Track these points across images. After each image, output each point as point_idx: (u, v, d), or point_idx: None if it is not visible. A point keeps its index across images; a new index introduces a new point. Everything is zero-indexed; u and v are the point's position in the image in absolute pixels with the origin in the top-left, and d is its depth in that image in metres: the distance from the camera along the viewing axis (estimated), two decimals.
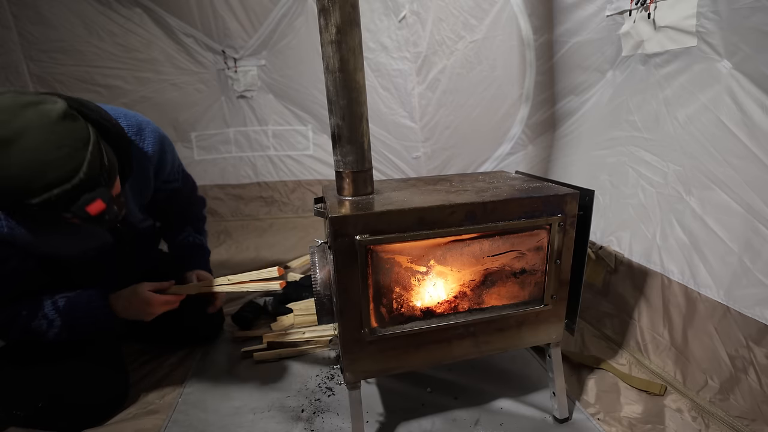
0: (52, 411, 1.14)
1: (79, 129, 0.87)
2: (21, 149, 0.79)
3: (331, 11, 0.84)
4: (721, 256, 1.18)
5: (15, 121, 0.79)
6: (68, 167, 0.84)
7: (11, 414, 1.14)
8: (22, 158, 0.80)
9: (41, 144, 0.81)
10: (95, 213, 0.89)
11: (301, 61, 2.69)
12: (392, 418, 1.19)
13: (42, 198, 0.83)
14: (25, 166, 0.80)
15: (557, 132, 1.92)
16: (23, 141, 0.79)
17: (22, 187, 0.82)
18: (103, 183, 0.90)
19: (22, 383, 1.15)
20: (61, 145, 0.82)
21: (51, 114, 0.83)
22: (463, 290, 0.99)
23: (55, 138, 0.82)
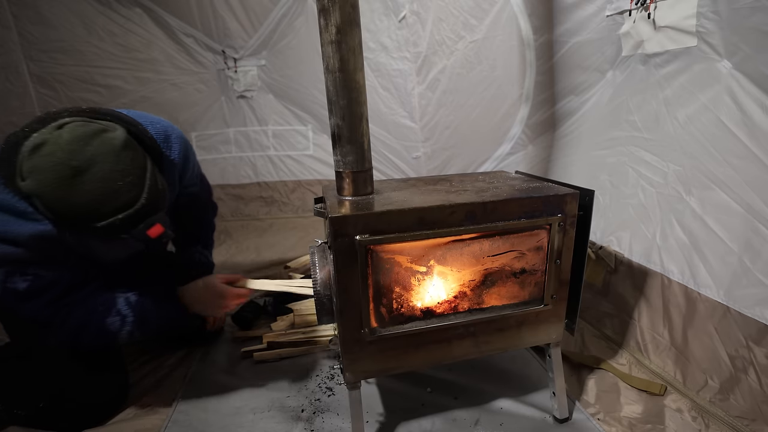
0: (52, 411, 1.14)
1: (139, 157, 0.95)
2: (91, 178, 0.86)
3: (331, 11, 0.84)
4: (721, 256, 1.18)
5: (85, 151, 0.86)
6: (132, 194, 0.91)
7: (12, 413, 1.14)
8: (92, 186, 0.86)
9: (108, 173, 0.87)
10: (155, 236, 0.97)
11: (301, 61, 2.69)
12: (392, 418, 1.19)
13: (107, 222, 0.89)
14: (95, 193, 0.87)
15: (557, 132, 1.92)
16: (93, 170, 0.86)
17: (90, 212, 0.88)
18: (160, 207, 0.98)
19: (24, 383, 1.15)
20: (125, 174, 0.90)
21: (115, 143, 0.90)
22: (463, 290, 0.99)
23: (120, 167, 0.89)
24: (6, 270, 0.99)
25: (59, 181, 0.84)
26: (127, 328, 1.14)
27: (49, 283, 1.03)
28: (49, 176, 0.84)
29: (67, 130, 0.87)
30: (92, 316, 1.11)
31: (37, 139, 0.86)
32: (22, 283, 1.00)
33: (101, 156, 0.87)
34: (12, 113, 2.52)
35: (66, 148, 0.85)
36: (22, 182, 0.86)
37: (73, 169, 0.85)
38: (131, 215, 0.91)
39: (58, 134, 0.87)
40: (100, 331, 1.11)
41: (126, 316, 1.14)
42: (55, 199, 0.85)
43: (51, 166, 0.84)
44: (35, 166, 0.85)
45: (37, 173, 0.85)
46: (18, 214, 0.96)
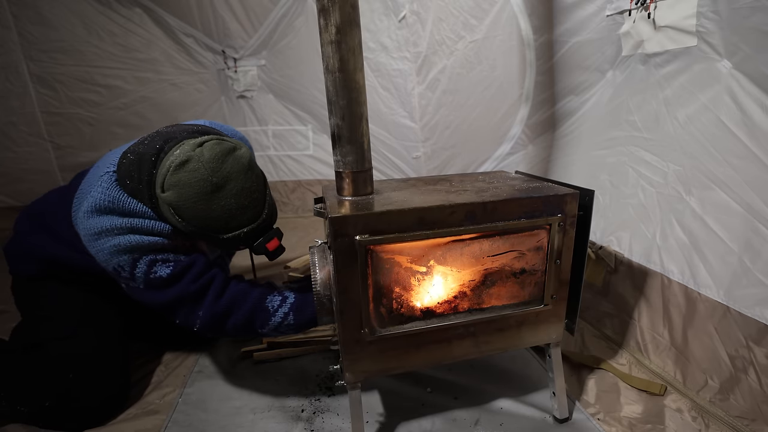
0: (56, 410, 1.14)
1: (261, 174, 1.07)
2: (227, 194, 0.97)
3: (331, 11, 0.84)
4: (721, 256, 1.18)
5: (223, 168, 0.97)
6: (256, 210, 1.04)
7: (15, 409, 1.14)
8: (226, 202, 0.98)
9: (240, 191, 0.99)
10: (273, 249, 1.09)
11: (301, 61, 2.69)
12: (392, 418, 1.19)
13: (233, 234, 1.01)
14: (228, 208, 0.98)
15: (557, 132, 1.92)
16: (228, 186, 0.97)
17: (221, 226, 1.00)
18: (274, 220, 1.11)
19: (30, 379, 1.16)
20: (252, 191, 1.02)
21: (243, 161, 1.01)
22: (463, 290, 0.99)
23: (249, 185, 1.01)
24: (148, 260, 1.05)
25: (200, 196, 0.95)
26: (285, 309, 1.10)
27: (188, 263, 1.09)
28: (192, 191, 0.94)
29: (207, 147, 0.97)
30: (252, 292, 1.11)
31: (181, 156, 0.95)
32: (165, 269, 1.06)
33: (235, 173, 0.98)
34: (12, 113, 2.53)
35: (208, 166, 0.95)
36: (163, 194, 0.96)
37: (213, 185, 0.95)
38: (254, 229, 1.03)
39: (200, 152, 0.96)
40: (254, 308, 1.09)
41: (287, 297, 1.12)
42: (195, 210, 0.96)
43: (195, 181, 0.94)
44: (180, 180, 0.94)
45: (181, 187, 0.94)
46: (151, 218, 1.05)
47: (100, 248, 1.04)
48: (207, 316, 1.07)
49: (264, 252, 1.08)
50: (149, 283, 1.06)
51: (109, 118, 2.69)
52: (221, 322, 1.09)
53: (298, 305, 1.11)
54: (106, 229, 1.02)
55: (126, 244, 1.02)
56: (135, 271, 1.04)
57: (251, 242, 1.06)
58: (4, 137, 2.56)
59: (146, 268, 1.05)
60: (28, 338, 1.24)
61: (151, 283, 1.06)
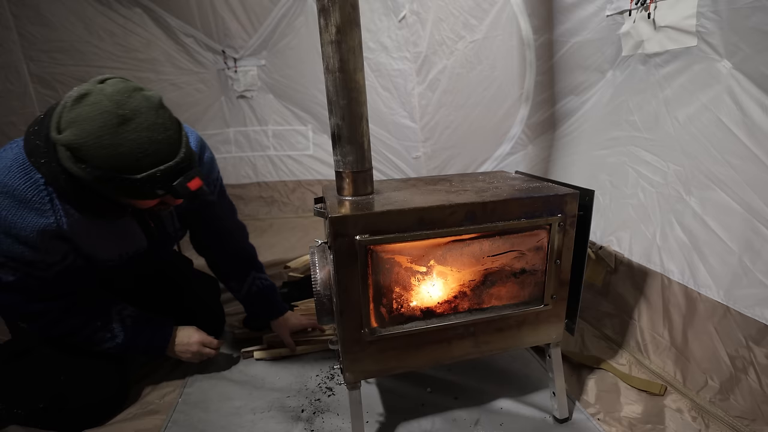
0: (53, 411, 1.14)
1: (176, 120, 0.96)
2: (136, 128, 0.85)
3: (331, 11, 0.84)
4: (721, 256, 1.18)
5: (129, 102, 0.85)
6: (172, 148, 0.91)
7: (12, 412, 1.14)
8: (137, 136, 0.85)
9: (152, 125, 0.87)
10: (195, 188, 0.96)
11: (301, 61, 2.69)
12: (392, 418, 1.19)
13: (148, 173, 0.88)
14: (139, 142, 0.85)
15: (557, 132, 1.92)
16: (138, 120, 0.85)
17: (131, 164, 0.86)
18: (195, 163, 0.98)
19: (24, 382, 1.16)
20: (166, 128, 0.90)
21: (154, 99, 0.90)
22: (463, 290, 0.99)
23: (161, 121, 0.89)
24: None
25: (105, 129, 0.82)
26: (111, 344, 1.19)
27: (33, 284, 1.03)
28: (94, 124, 0.82)
29: (110, 83, 0.87)
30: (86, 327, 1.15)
31: (79, 90, 0.84)
32: (9, 276, 1.00)
33: (144, 109, 0.87)
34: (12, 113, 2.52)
35: (112, 98, 0.84)
36: (59, 135, 0.83)
37: (120, 117, 0.83)
38: (171, 167, 0.90)
39: (101, 87, 0.85)
40: (86, 339, 1.16)
41: (116, 336, 1.19)
42: (100, 146, 0.83)
43: (98, 113, 0.82)
44: (79, 115, 0.82)
45: (81, 122, 0.82)
46: (26, 203, 0.94)
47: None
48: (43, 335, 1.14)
49: (186, 193, 0.94)
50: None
51: None
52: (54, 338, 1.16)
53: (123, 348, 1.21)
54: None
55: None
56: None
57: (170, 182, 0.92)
58: (4, 137, 2.55)
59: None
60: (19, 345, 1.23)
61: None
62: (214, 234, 1.44)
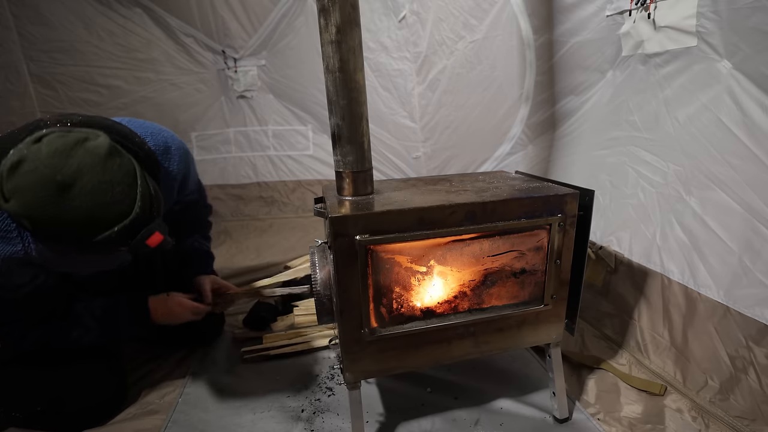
0: (50, 414, 1.14)
1: (126, 163, 0.88)
2: (79, 193, 0.79)
3: (331, 11, 0.84)
4: (721, 256, 1.18)
5: (69, 164, 0.79)
6: (125, 204, 0.85)
7: (10, 416, 1.14)
8: (81, 201, 0.80)
9: (97, 185, 0.81)
10: (155, 245, 0.91)
11: (301, 61, 2.69)
12: (392, 418, 1.19)
13: (103, 236, 0.83)
14: (85, 208, 0.80)
15: (557, 132, 1.92)
16: (80, 183, 0.79)
17: (83, 229, 0.82)
18: (156, 213, 0.92)
19: (22, 385, 1.15)
20: (114, 183, 0.83)
21: (99, 151, 0.83)
22: (463, 290, 0.99)
23: (108, 177, 0.82)
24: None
25: (45, 200, 0.78)
26: (90, 337, 1.15)
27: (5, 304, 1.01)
28: (34, 195, 0.77)
29: (46, 143, 0.80)
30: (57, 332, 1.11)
31: (14, 156, 0.79)
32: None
33: (86, 168, 0.80)
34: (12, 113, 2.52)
35: (47, 163, 0.78)
36: (6, 204, 0.79)
37: (59, 185, 0.78)
38: (127, 226, 0.85)
39: (36, 148, 0.79)
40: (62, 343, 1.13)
41: (91, 329, 1.15)
42: (45, 219, 0.79)
43: (34, 183, 0.77)
44: (17, 185, 0.77)
45: (21, 193, 0.78)
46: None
47: None
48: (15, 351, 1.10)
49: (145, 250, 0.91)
50: None
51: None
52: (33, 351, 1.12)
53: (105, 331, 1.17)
54: None
55: None
56: None
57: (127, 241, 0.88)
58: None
59: None
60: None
61: None
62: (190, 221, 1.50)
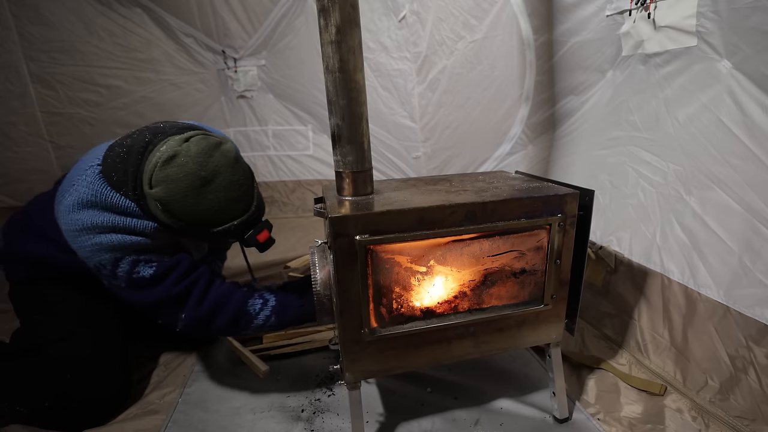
0: (55, 410, 1.14)
1: (247, 167, 1.08)
2: (216, 188, 0.98)
3: (331, 11, 0.84)
4: (721, 256, 1.18)
5: (211, 162, 0.97)
6: (246, 202, 1.05)
7: (15, 410, 1.14)
8: (215, 196, 0.98)
9: (229, 183, 1.00)
10: (263, 240, 1.10)
11: (301, 61, 2.69)
12: (392, 418, 1.19)
13: (223, 228, 1.02)
14: (217, 201, 0.98)
15: (557, 132, 1.92)
16: (217, 180, 0.98)
17: (211, 219, 1.00)
18: (263, 213, 1.12)
19: (30, 380, 1.15)
20: (241, 184, 1.02)
21: (230, 155, 1.01)
22: (463, 290, 0.99)
23: (237, 178, 1.01)
24: (131, 260, 1.03)
25: (189, 190, 0.95)
26: (266, 312, 1.12)
27: (172, 264, 1.08)
28: (180, 185, 0.94)
29: (194, 142, 0.97)
30: (233, 296, 1.11)
31: (168, 151, 0.95)
32: (148, 269, 1.05)
33: (223, 167, 0.98)
34: (12, 113, 2.52)
35: (196, 160, 0.95)
36: (151, 190, 0.95)
37: (202, 179, 0.95)
38: (244, 221, 1.03)
39: (187, 146, 0.96)
40: (237, 312, 1.10)
41: (268, 300, 1.13)
42: (184, 204, 0.96)
43: (183, 175, 0.94)
44: (168, 175, 0.94)
45: (170, 182, 0.94)
46: (126, 212, 1.02)
47: (81, 245, 1.02)
48: (189, 319, 1.08)
49: (255, 244, 1.08)
50: (131, 282, 1.04)
51: (109, 118, 2.69)
52: (204, 325, 1.10)
53: (279, 308, 1.13)
54: (88, 226, 1.00)
55: (108, 242, 1.00)
56: (117, 270, 1.03)
57: (242, 235, 1.06)
58: (4, 137, 2.56)
59: (129, 267, 1.03)
60: (26, 341, 1.24)
61: (134, 282, 1.04)
62: None
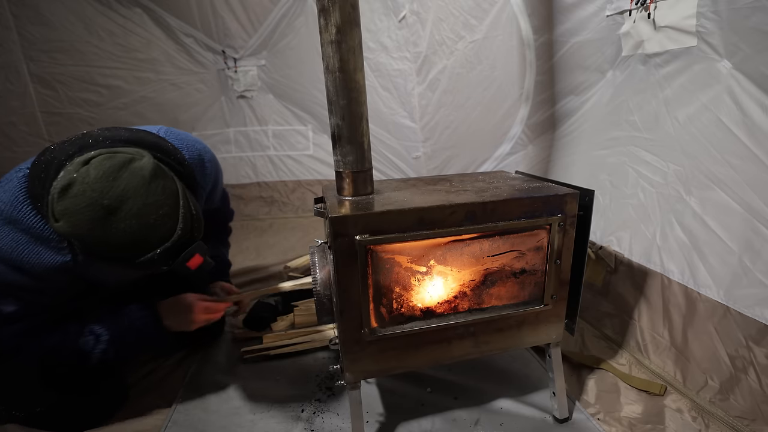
0: (51, 413, 1.14)
1: (170, 185, 0.90)
2: (125, 216, 0.82)
3: (331, 11, 0.84)
4: (721, 256, 1.18)
5: (115, 187, 0.82)
6: (167, 226, 0.87)
7: (11, 414, 1.14)
8: (126, 225, 0.82)
9: (142, 208, 0.83)
10: (194, 267, 0.93)
11: (301, 61, 2.69)
12: (392, 418, 1.19)
13: (145, 258, 0.86)
14: (130, 232, 0.83)
15: (557, 132, 1.92)
16: (125, 207, 0.82)
17: (127, 251, 0.85)
18: (196, 234, 0.94)
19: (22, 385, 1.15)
20: (158, 206, 0.86)
21: (144, 173, 0.85)
22: (463, 290, 0.99)
23: (152, 200, 0.85)
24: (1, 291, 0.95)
25: (93, 223, 0.81)
26: (101, 346, 1.09)
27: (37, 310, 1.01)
28: (82, 218, 0.81)
29: (94, 165, 0.83)
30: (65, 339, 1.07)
31: (64, 179, 0.82)
32: (10, 306, 0.97)
33: (132, 190, 0.83)
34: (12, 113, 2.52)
35: (95, 187, 0.81)
36: (56, 224, 0.83)
37: (105, 208, 0.81)
38: (168, 248, 0.88)
39: (85, 171, 0.82)
40: (72, 353, 1.07)
41: (100, 335, 1.10)
42: (93, 240, 0.83)
43: (83, 207, 0.81)
44: (66, 208, 0.81)
45: (70, 216, 0.81)
46: (43, 241, 0.93)
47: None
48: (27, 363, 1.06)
49: (186, 272, 0.92)
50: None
51: (109, 118, 2.69)
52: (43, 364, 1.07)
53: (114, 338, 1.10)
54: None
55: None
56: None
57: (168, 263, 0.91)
58: (4, 137, 2.56)
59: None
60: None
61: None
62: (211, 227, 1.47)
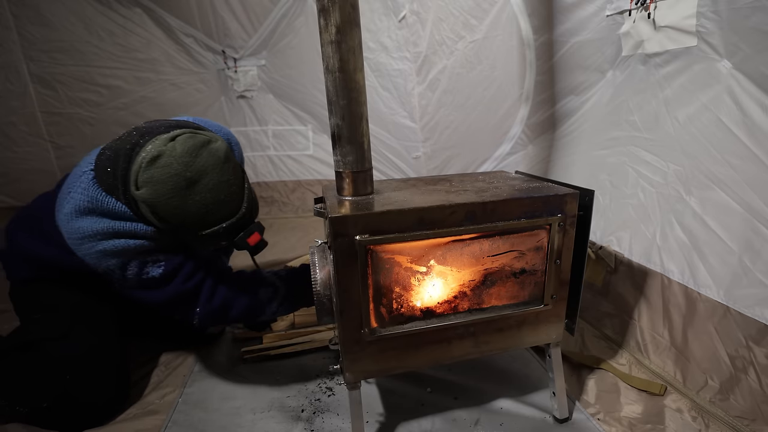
0: (55, 410, 1.14)
1: (238, 167, 1.03)
2: (202, 189, 0.93)
3: (331, 11, 0.84)
4: (721, 256, 1.18)
5: (197, 162, 0.92)
6: (235, 204, 0.99)
7: (14, 410, 1.14)
8: (202, 197, 0.93)
9: (217, 184, 0.95)
10: (254, 243, 1.05)
11: (301, 61, 2.69)
12: (392, 418, 1.19)
13: (212, 230, 0.97)
14: (204, 203, 0.94)
15: (557, 132, 1.92)
16: (204, 181, 0.93)
17: (197, 222, 0.95)
18: (255, 215, 1.07)
19: (29, 380, 1.15)
20: (230, 184, 0.97)
21: (219, 154, 0.96)
22: (463, 290, 0.99)
23: (225, 178, 0.96)
24: (138, 262, 1.04)
25: (174, 192, 0.91)
26: (277, 300, 1.17)
27: (180, 262, 1.08)
28: (166, 187, 0.90)
29: (180, 141, 0.92)
30: (245, 287, 1.15)
31: (153, 151, 0.90)
32: (157, 269, 1.05)
33: (210, 167, 0.93)
34: (12, 113, 2.53)
35: (181, 160, 0.90)
36: (137, 191, 0.91)
37: (187, 180, 0.91)
38: (233, 224, 0.98)
39: (172, 146, 0.91)
40: (248, 305, 1.15)
41: (278, 288, 1.17)
42: (170, 207, 0.92)
43: (168, 177, 0.90)
44: (152, 176, 0.90)
45: (154, 184, 0.90)
46: (131, 219, 1.01)
47: (86, 252, 1.02)
48: (203, 314, 1.11)
49: (245, 247, 1.04)
50: (142, 283, 1.06)
51: (109, 118, 2.69)
52: (219, 318, 1.13)
53: (287, 295, 1.18)
54: (89, 234, 1.00)
55: (112, 248, 1.01)
56: (126, 273, 1.04)
57: (231, 237, 1.02)
58: (4, 137, 2.56)
59: (137, 270, 1.04)
60: (22, 338, 1.23)
61: (144, 283, 1.06)
62: None
